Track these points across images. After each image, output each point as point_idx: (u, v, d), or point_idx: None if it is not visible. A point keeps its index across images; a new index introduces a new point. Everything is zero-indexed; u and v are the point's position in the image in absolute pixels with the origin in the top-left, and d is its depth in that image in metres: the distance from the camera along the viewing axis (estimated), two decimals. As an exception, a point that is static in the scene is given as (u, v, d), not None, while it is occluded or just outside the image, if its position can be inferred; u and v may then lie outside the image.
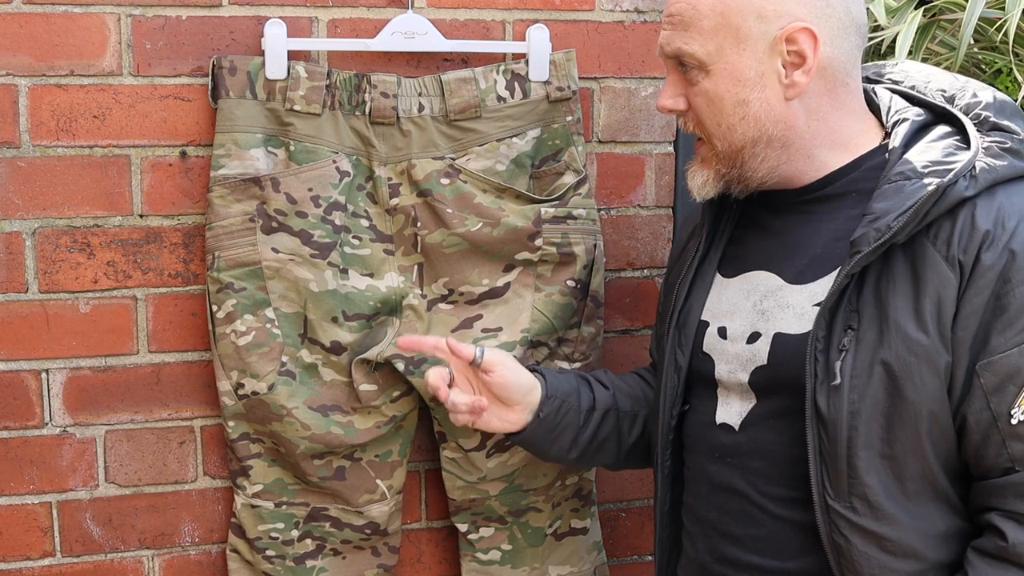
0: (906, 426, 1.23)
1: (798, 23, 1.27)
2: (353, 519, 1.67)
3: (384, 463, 1.67)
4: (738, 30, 1.28)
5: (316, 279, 1.58)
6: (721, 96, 1.31)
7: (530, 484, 1.71)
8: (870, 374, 1.23)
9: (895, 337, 1.22)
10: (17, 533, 1.63)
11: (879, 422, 1.24)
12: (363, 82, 1.57)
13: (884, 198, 1.24)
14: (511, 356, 1.51)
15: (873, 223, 1.22)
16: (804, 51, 1.27)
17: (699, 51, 1.30)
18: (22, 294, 1.57)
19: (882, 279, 1.24)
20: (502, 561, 1.74)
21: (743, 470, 1.36)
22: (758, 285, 1.38)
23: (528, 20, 1.67)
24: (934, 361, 1.21)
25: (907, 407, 1.22)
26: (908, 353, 1.22)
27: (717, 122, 1.32)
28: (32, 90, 1.54)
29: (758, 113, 1.30)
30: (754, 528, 1.36)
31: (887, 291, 1.24)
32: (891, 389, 1.23)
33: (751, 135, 1.31)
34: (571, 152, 1.66)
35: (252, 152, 1.55)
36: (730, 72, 1.30)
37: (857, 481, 1.24)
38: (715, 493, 1.40)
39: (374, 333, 1.62)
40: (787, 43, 1.28)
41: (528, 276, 1.66)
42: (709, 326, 1.41)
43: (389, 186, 1.60)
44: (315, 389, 1.61)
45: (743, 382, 1.36)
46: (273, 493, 1.65)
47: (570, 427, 1.51)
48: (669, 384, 1.45)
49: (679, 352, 1.44)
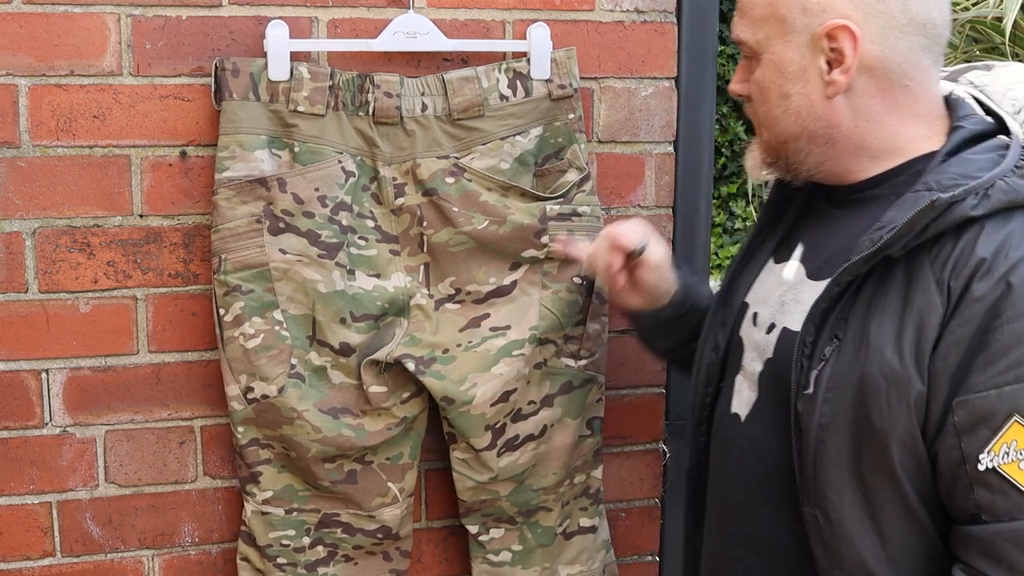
0: (874, 450, 1.18)
1: (838, 20, 1.23)
2: (365, 524, 1.67)
3: (395, 465, 1.66)
4: (784, 21, 1.26)
5: (324, 280, 1.58)
6: (767, 87, 1.29)
7: (540, 483, 1.71)
8: (843, 389, 1.19)
9: (871, 356, 1.18)
10: (17, 533, 1.62)
11: (849, 439, 1.19)
12: (366, 82, 1.57)
13: (898, 207, 1.20)
14: (666, 260, 1.52)
15: (874, 232, 1.19)
16: (844, 49, 1.23)
17: (750, 39, 1.29)
18: (22, 294, 1.57)
19: (877, 291, 1.20)
20: (513, 562, 1.74)
21: (742, 465, 1.35)
22: (790, 275, 1.36)
23: (528, 20, 1.67)
24: (904, 389, 1.15)
25: (874, 431, 1.18)
26: (879, 375, 1.17)
27: (765, 112, 1.31)
28: (32, 90, 1.53)
29: (798, 108, 1.28)
30: (748, 525, 1.35)
31: (877, 305, 1.20)
32: (861, 409, 1.18)
33: (792, 129, 1.29)
34: (574, 149, 1.67)
35: (256, 154, 1.55)
36: (775, 63, 1.28)
37: (820, 494, 1.22)
38: (724, 483, 1.39)
39: (382, 334, 1.62)
40: (828, 40, 1.24)
41: (535, 274, 1.66)
42: (748, 309, 1.40)
43: (394, 186, 1.60)
44: (325, 392, 1.60)
45: (755, 372, 1.35)
46: (283, 500, 1.64)
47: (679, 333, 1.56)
48: (705, 362, 1.43)
49: (720, 331, 1.43)
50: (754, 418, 1.34)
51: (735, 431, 1.37)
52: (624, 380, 1.82)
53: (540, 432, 1.69)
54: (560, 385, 1.70)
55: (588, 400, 1.73)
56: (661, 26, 1.73)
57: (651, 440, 1.86)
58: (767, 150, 1.34)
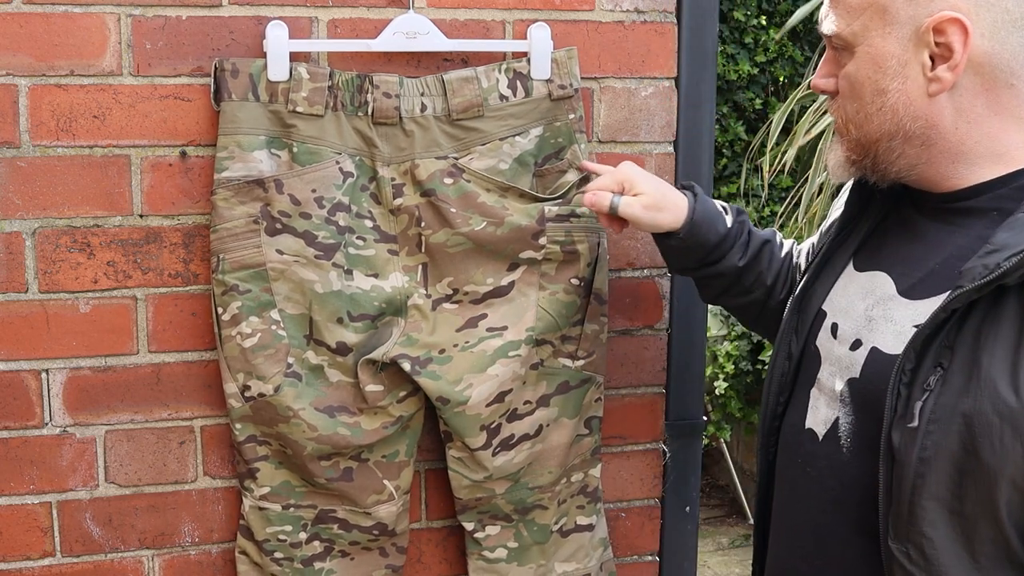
0: (979, 487, 1.11)
1: (949, 12, 1.15)
2: (361, 520, 1.67)
3: (391, 463, 1.67)
4: (885, 11, 1.19)
5: (321, 280, 1.58)
6: (861, 82, 1.22)
7: (536, 482, 1.71)
8: (950, 422, 1.11)
9: (983, 390, 1.09)
10: (17, 533, 1.63)
11: (950, 475, 1.12)
12: (365, 83, 1.57)
13: (1010, 228, 1.12)
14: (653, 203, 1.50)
15: (986, 256, 1.11)
16: (952, 44, 1.15)
17: (845, 30, 1.22)
18: (22, 294, 1.57)
19: (987, 320, 1.11)
20: (508, 559, 1.75)
21: (819, 485, 1.29)
22: (876, 288, 1.28)
23: (528, 20, 1.67)
24: (1020, 427, 1.07)
25: (982, 468, 1.10)
26: (993, 412, 1.08)
27: (856, 109, 1.24)
28: (32, 90, 1.53)
29: (895, 105, 1.20)
30: (820, 547, 1.29)
31: (987, 335, 1.11)
32: (968, 445, 1.10)
33: (887, 128, 1.22)
34: (574, 150, 1.67)
35: (255, 154, 1.55)
36: (872, 57, 1.20)
37: (916, 529, 1.14)
38: (794, 501, 1.33)
39: (379, 333, 1.62)
40: (935, 33, 1.16)
41: (532, 274, 1.66)
42: (826, 318, 1.33)
43: (393, 186, 1.60)
44: (321, 390, 1.61)
45: (836, 389, 1.27)
46: (280, 495, 1.65)
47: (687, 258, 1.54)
48: (778, 370, 1.38)
49: (794, 339, 1.37)
50: (835, 438, 1.27)
51: (811, 448, 1.30)
52: (624, 380, 1.82)
53: (536, 432, 1.69)
54: (557, 385, 1.70)
55: (586, 400, 1.73)
56: (661, 26, 1.73)
57: (651, 440, 1.86)
58: (855, 149, 1.26)
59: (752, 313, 1.62)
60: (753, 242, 1.56)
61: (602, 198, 1.51)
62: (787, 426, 1.37)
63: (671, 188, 1.54)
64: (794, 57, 5.30)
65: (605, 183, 1.53)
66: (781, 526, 1.37)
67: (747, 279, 1.56)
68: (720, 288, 1.59)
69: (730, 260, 1.53)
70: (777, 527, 1.39)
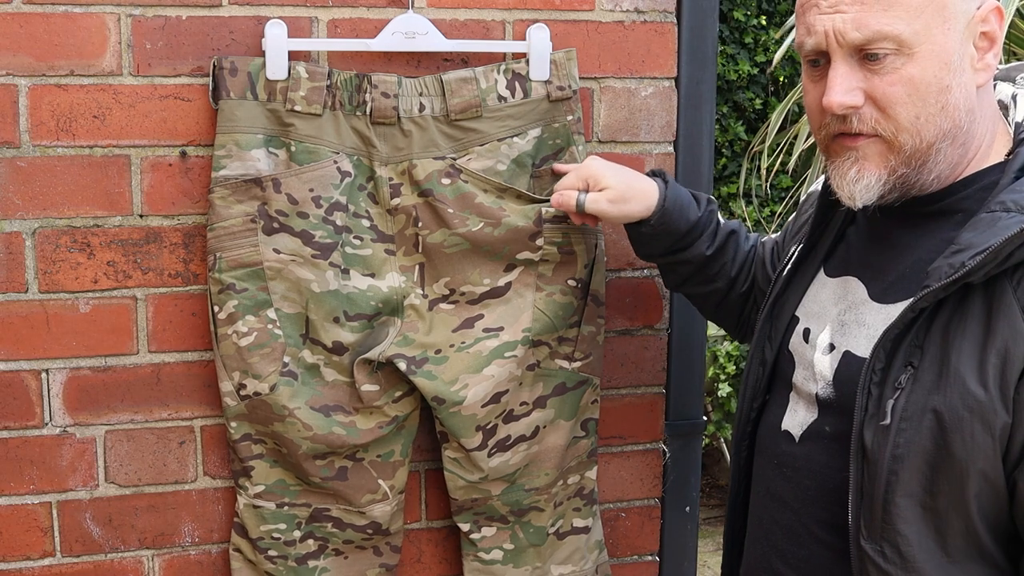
0: (951, 481, 1.12)
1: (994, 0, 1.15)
2: (355, 519, 1.67)
3: (386, 463, 1.67)
4: (944, 7, 1.15)
5: (317, 279, 1.58)
6: (928, 82, 1.16)
7: (532, 483, 1.71)
8: (920, 419, 1.13)
9: (952, 386, 1.11)
10: (17, 533, 1.63)
11: (923, 471, 1.13)
12: (364, 82, 1.57)
13: (974, 228, 1.12)
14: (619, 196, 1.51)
15: (952, 256, 1.11)
16: (995, 32, 1.15)
17: (905, 31, 1.15)
18: (22, 294, 1.57)
19: (954, 318, 1.13)
20: (504, 560, 1.75)
21: (795, 485, 1.30)
22: (848, 293, 1.29)
23: (528, 20, 1.67)
24: (989, 420, 1.09)
25: (953, 462, 1.12)
26: (962, 406, 1.10)
27: (916, 114, 1.17)
28: (32, 90, 1.53)
29: (957, 102, 1.17)
30: (797, 546, 1.30)
31: (955, 332, 1.12)
32: (939, 440, 1.12)
33: (946, 127, 1.17)
34: (572, 151, 1.67)
35: (253, 153, 1.55)
36: (937, 54, 1.15)
37: (890, 527, 1.15)
38: (770, 501, 1.35)
39: (376, 333, 1.62)
40: (982, 23, 1.16)
41: (529, 276, 1.66)
42: (798, 323, 1.34)
43: (390, 186, 1.60)
44: (317, 389, 1.61)
45: (812, 393, 1.29)
46: (275, 494, 1.65)
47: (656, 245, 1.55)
48: (752, 376, 1.39)
49: (767, 345, 1.38)
50: (812, 439, 1.29)
51: (787, 449, 1.32)
52: (624, 380, 1.82)
53: (532, 433, 1.69)
54: (553, 387, 1.70)
55: (583, 402, 1.73)
56: (661, 26, 1.73)
57: (651, 440, 1.86)
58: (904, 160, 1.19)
59: (712, 302, 1.64)
60: (720, 232, 1.58)
61: (568, 197, 1.54)
62: (763, 428, 1.38)
63: (638, 176, 1.55)
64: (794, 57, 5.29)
65: (570, 182, 1.55)
66: (757, 527, 1.38)
67: (712, 268, 1.58)
68: (684, 275, 1.61)
69: (698, 248, 1.55)
70: (753, 528, 1.40)
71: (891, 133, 1.18)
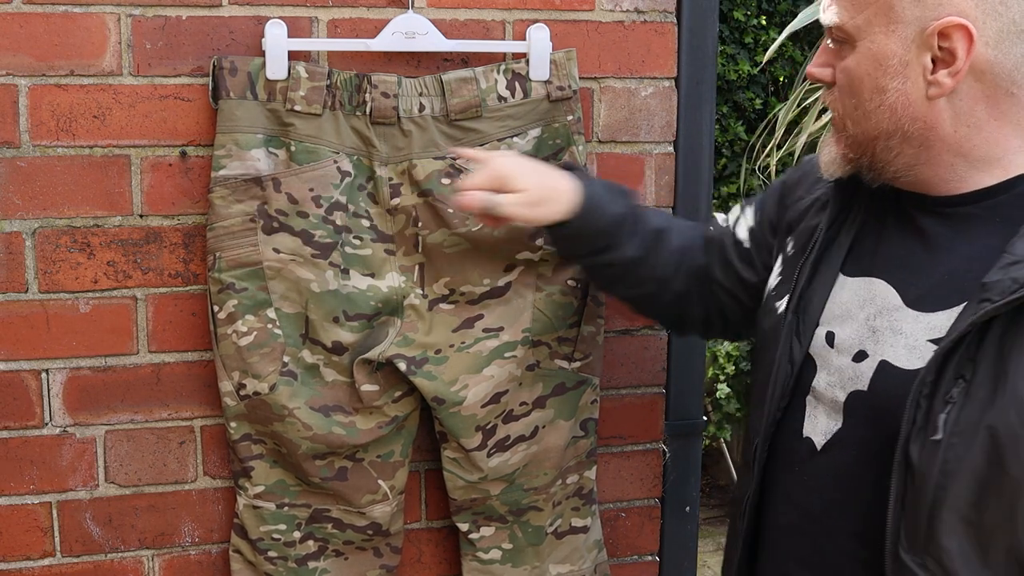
0: (1001, 498, 1.09)
1: (956, 18, 1.13)
2: (355, 520, 1.67)
3: (386, 463, 1.67)
4: (891, 9, 1.16)
5: (317, 279, 1.58)
6: (860, 78, 1.20)
7: (531, 483, 1.71)
8: (973, 435, 1.09)
9: (1009, 402, 1.07)
10: (17, 533, 1.63)
11: (971, 487, 1.10)
12: (364, 82, 1.57)
13: None
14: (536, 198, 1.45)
15: (1010, 268, 1.09)
16: (956, 50, 1.14)
17: (848, 23, 1.19)
18: (22, 294, 1.57)
19: (1009, 331, 1.09)
20: (503, 560, 1.75)
21: (819, 494, 1.27)
22: (875, 296, 1.25)
23: (528, 20, 1.67)
24: None
25: (1007, 480, 1.08)
26: (1019, 424, 1.07)
27: (854, 105, 1.21)
28: (32, 90, 1.53)
29: (894, 105, 1.18)
30: (818, 557, 1.27)
31: (1012, 346, 1.09)
32: (992, 457, 1.08)
33: (884, 127, 1.20)
34: (572, 151, 1.67)
35: (253, 152, 1.55)
36: (873, 54, 1.18)
37: (934, 542, 1.12)
38: (789, 508, 1.31)
39: (375, 333, 1.62)
40: (940, 37, 1.14)
41: (529, 276, 1.66)
42: (819, 326, 1.29)
43: (390, 186, 1.60)
44: (317, 389, 1.61)
45: (838, 400, 1.25)
46: (275, 494, 1.65)
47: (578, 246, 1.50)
48: (782, 374, 1.31)
49: (796, 342, 1.31)
50: (838, 448, 1.25)
51: (809, 457, 1.28)
52: (624, 380, 1.82)
53: (532, 433, 1.69)
54: (553, 387, 1.70)
55: (582, 402, 1.73)
56: (661, 26, 1.73)
57: (651, 440, 1.86)
58: (851, 146, 1.24)
59: (643, 305, 1.60)
60: (648, 230, 1.51)
61: (476, 199, 1.44)
62: (782, 434, 1.34)
63: (552, 173, 1.49)
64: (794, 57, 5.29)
65: (479, 182, 1.46)
66: (775, 532, 1.35)
67: (641, 270, 1.51)
68: (611, 278, 1.55)
69: (623, 249, 1.49)
70: (773, 538, 1.36)
71: (838, 114, 1.25)
